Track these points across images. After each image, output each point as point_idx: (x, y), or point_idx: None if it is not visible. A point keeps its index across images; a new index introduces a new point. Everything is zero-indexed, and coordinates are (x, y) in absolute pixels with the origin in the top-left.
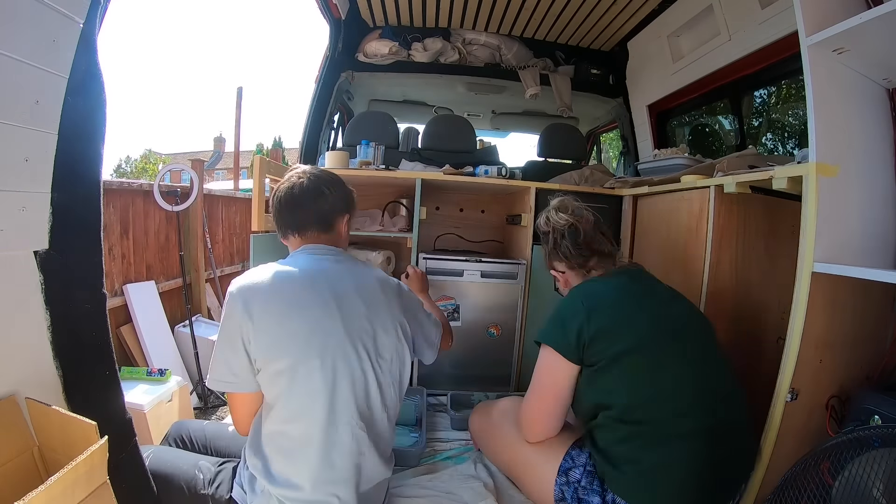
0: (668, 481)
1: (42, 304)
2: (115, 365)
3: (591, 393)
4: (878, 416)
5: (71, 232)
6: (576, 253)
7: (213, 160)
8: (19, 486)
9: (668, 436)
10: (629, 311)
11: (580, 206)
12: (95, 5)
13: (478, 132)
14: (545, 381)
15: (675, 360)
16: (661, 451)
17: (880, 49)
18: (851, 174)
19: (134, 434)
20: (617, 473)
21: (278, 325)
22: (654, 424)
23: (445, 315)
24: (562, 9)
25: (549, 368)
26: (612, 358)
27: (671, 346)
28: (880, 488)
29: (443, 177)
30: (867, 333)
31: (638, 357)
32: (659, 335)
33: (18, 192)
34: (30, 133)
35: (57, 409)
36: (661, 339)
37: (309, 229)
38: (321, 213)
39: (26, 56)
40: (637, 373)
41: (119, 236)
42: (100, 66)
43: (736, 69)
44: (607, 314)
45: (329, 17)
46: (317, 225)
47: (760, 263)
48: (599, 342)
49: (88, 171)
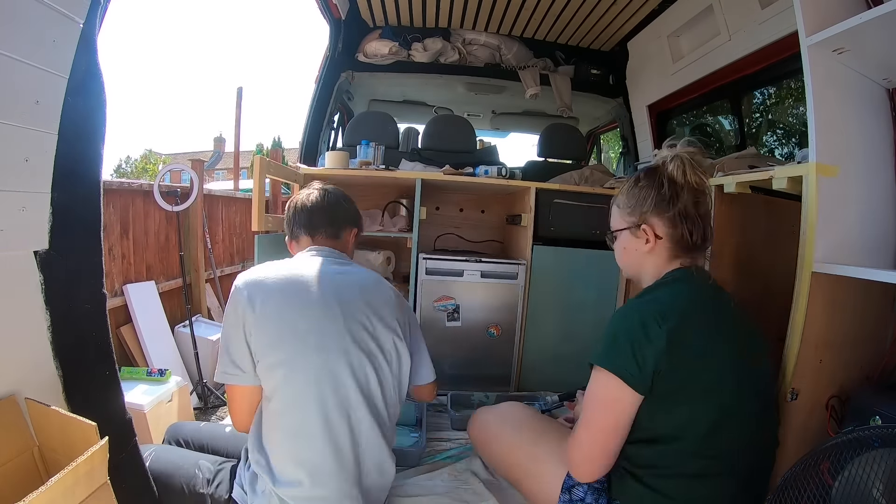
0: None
1: (42, 304)
2: (115, 365)
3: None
4: (878, 416)
5: (71, 232)
6: (692, 229)
7: (213, 160)
8: (19, 486)
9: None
10: (712, 341)
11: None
12: (95, 5)
13: (478, 132)
14: (605, 413)
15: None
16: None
17: (880, 49)
18: (851, 174)
19: (134, 434)
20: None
21: (279, 318)
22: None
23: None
24: (562, 9)
25: (610, 400)
26: (690, 393)
27: (747, 397)
28: (880, 488)
29: (443, 177)
30: (867, 333)
31: (717, 399)
32: (739, 382)
33: (18, 192)
34: (30, 133)
35: (57, 409)
36: (740, 391)
37: (320, 231)
38: (334, 218)
39: (26, 56)
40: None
41: (119, 236)
42: (100, 66)
43: (736, 69)
44: (691, 343)
45: (329, 17)
46: (328, 228)
47: (760, 263)
48: (678, 373)
49: (88, 171)
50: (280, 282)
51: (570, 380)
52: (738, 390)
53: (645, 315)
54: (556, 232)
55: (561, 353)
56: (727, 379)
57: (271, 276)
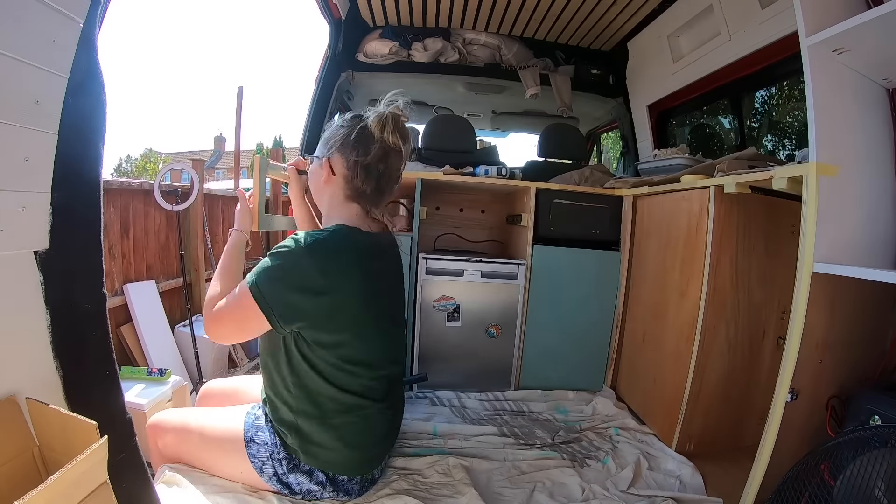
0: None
1: (42, 304)
2: (115, 365)
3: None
4: (878, 416)
5: (71, 232)
6: (365, 179)
7: (214, 159)
8: (19, 486)
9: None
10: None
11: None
12: (95, 5)
13: (478, 132)
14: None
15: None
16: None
17: (880, 49)
18: (851, 174)
19: (134, 434)
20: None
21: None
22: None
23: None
24: (562, 9)
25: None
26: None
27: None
28: (882, 488)
29: (443, 177)
30: (867, 333)
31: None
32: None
33: (18, 192)
34: (30, 133)
35: (57, 408)
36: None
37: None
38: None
39: (26, 56)
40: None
41: (119, 236)
42: (100, 66)
43: (736, 69)
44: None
45: (329, 17)
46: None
47: (760, 263)
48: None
49: (88, 171)
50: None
51: (570, 379)
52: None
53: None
54: (556, 232)
55: (561, 353)
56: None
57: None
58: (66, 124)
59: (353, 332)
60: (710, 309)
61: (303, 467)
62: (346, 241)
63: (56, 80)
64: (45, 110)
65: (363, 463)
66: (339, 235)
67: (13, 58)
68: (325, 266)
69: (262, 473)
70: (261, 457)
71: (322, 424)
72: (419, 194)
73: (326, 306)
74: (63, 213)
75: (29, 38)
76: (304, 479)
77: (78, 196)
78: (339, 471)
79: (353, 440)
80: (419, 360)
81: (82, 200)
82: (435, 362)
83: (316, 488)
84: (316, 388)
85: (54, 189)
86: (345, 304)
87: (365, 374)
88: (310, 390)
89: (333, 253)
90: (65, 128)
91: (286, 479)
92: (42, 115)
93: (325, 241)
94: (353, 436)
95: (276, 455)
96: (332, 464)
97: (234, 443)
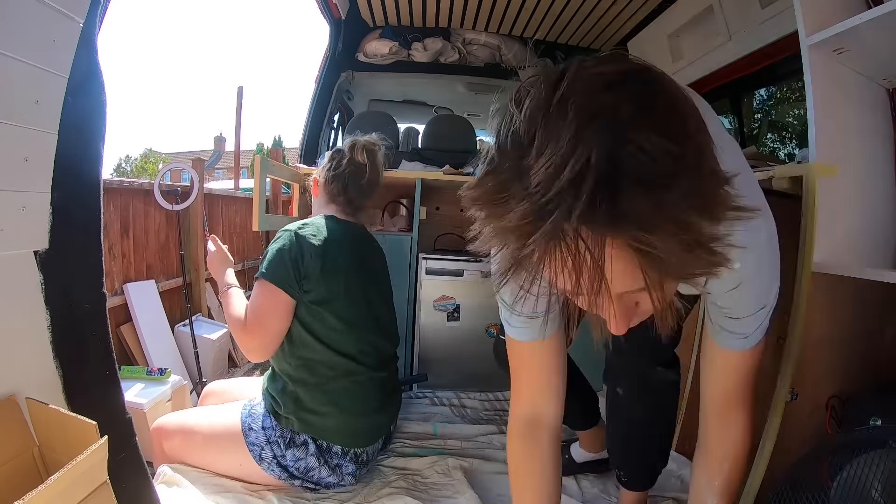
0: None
1: (42, 304)
2: (115, 364)
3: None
4: (878, 416)
5: (71, 232)
6: (337, 187)
7: (214, 159)
8: (19, 486)
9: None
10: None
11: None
12: (95, 5)
13: (478, 132)
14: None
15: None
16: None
17: (880, 49)
18: (851, 174)
19: (134, 434)
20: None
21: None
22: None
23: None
24: (562, 9)
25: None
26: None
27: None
28: (879, 489)
29: (443, 177)
30: (867, 333)
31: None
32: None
33: (18, 192)
34: (30, 133)
35: (57, 408)
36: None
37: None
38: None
39: (26, 56)
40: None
41: (119, 235)
42: (100, 66)
43: (736, 69)
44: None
45: (329, 17)
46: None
47: None
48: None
49: (88, 170)
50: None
51: None
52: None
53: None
54: None
55: None
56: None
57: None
58: (66, 124)
59: (343, 286)
60: None
61: (298, 440)
62: (326, 221)
63: (56, 80)
64: (45, 110)
65: (356, 433)
66: (320, 219)
67: (13, 58)
68: (312, 237)
69: (262, 460)
70: (259, 442)
71: (317, 389)
72: (419, 194)
73: (321, 263)
74: (63, 213)
75: (29, 38)
76: (301, 454)
77: (78, 196)
78: (333, 438)
79: (346, 405)
80: (419, 360)
81: (82, 200)
82: (435, 362)
83: (313, 463)
84: (313, 355)
85: (54, 189)
86: (332, 263)
87: (355, 336)
88: (307, 359)
89: (317, 228)
90: (65, 128)
91: (284, 460)
92: (42, 115)
93: (309, 223)
94: (346, 400)
95: (273, 437)
96: (325, 430)
97: (232, 435)
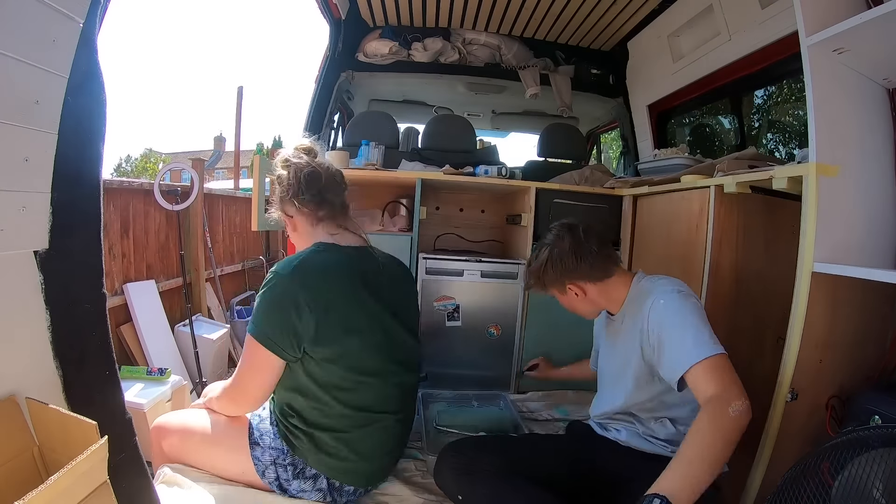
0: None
1: (42, 304)
2: (115, 364)
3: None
4: (878, 416)
5: (71, 232)
6: (309, 208)
7: (214, 159)
8: (19, 486)
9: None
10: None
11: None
12: (95, 5)
13: (478, 132)
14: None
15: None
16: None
17: (880, 49)
18: (851, 174)
19: (134, 434)
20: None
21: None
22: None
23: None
24: (562, 9)
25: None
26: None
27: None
28: (880, 488)
29: (443, 177)
30: (867, 333)
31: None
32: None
33: (18, 192)
34: (30, 133)
35: (57, 408)
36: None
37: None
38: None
39: (26, 56)
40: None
41: (119, 235)
42: (100, 66)
43: (736, 69)
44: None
45: (329, 17)
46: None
47: (760, 263)
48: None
49: (88, 170)
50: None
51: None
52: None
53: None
54: None
55: (560, 354)
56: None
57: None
58: (66, 124)
59: (352, 338)
60: (710, 309)
61: (308, 472)
62: (322, 255)
63: (56, 80)
64: (45, 110)
65: (373, 474)
66: (314, 253)
67: (13, 58)
68: (307, 282)
69: (264, 477)
70: (264, 461)
71: (335, 435)
72: (419, 194)
73: (321, 318)
74: (63, 213)
75: (29, 38)
76: (307, 486)
77: (78, 196)
78: (348, 480)
79: (369, 451)
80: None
81: (82, 200)
82: (435, 362)
83: (317, 497)
84: (328, 409)
85: (54, 189)
86: (335, 312)
87: (377, 384)
88: (322, 409)
89: (311, 269)
90: (65, 128)
91: (288, 484)
92: (42, 115)
93: (303, 261)
94: (370, 447)
95: (280, 461)
96: (342, 472)
97: (237, 441)
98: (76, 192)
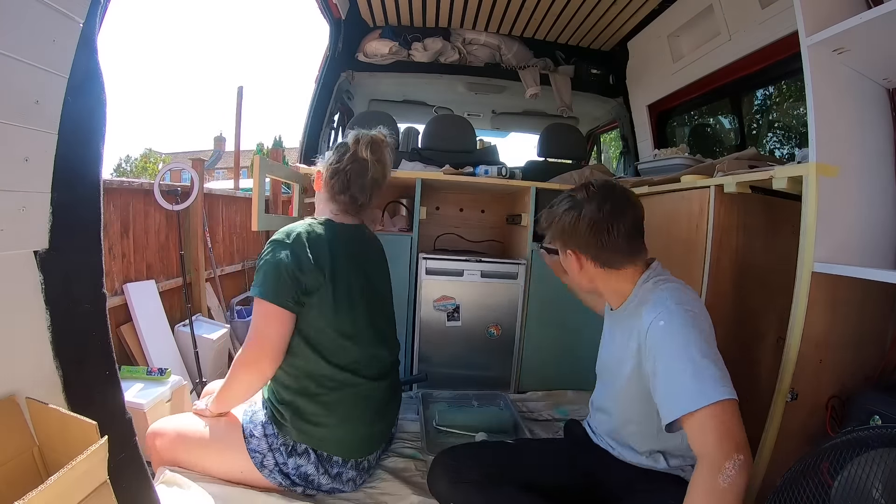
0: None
1: (42, 304)
2: (115, 364)
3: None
4: (878, 416)
5: (71, 232)
6: (337, 183)
7: (214, 159)
8: (19, 486)
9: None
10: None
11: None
12: (95, 5)
13: (478, 132)
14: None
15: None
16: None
17: (880, 49)
18: (851, 174)
19: (134, 434)
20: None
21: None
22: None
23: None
24: (562, 9)
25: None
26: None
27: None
28: (879, 489)
29: (443, 177)
30: (867, 333)
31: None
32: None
33: (18, 192)
34: (30, 133)
35: (57, 408)
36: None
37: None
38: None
39: (26, 56)
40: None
41: (119, 235)
42: (100, 66)
43: (736, 69)
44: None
45: (329, 17)
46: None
47: (760, 263)
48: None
49: (88, 170)
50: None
51: (570, 379)
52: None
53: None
54: None
55: (561, 353)
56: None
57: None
58: (66, 124)
59: (344, 301)
60: (710, 308)
61: (298, 448)
62: (319, 227)
63: (56, 80)
64: (45, 110)
65: (356, 443)
66: (312, 225)
67: (13, 58)
68: (303, 248)
69: (263, 467)
70: (261, 449)
71: (316, 400)
72: (419, 194)
73: (314, 276)
74: (63, 213)
75: (29, 38)
76: (303, 461)
77: (78, 196)
78: (332, 449)
79: (346, 416)
80: (419, 360)
81: (82, 200)
82: (435, 362)
83: (312, 470)
84: (312, 368)
85: (54, 189)
86: (324, 276)
87: (355, 350)
88: (307, 371)
89: (306, 235)
90: (65, 128)
91: (286, 467)
92: (42, 115)
93: (301, 231)
94: (346, 411)
95: (275, 445)
96: (324, 441)
97: (233, 440)
98: (76, 192)
